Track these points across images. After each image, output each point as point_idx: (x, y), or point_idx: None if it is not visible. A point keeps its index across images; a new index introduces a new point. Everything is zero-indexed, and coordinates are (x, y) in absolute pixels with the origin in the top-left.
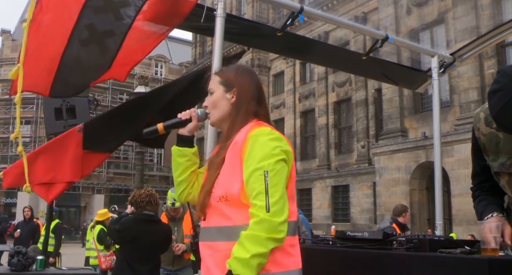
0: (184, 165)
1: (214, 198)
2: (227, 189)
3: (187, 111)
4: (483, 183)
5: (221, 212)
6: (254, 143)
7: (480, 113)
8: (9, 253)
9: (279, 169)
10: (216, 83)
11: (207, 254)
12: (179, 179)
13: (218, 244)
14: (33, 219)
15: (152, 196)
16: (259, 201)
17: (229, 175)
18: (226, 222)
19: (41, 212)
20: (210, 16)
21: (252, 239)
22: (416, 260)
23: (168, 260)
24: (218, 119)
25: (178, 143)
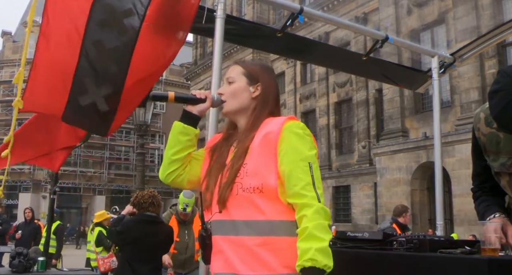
0: (184, 144)
1: (245, 189)
2: (263, 180)
3: (203, 91)
4: (483, 184)
5: (252, 204)
6: (292, 135)
7: (480, 113)
8: (10, 255)
9: (317, 163)
10: (239, 74)
11: (227, 248)
12: (174, 157)
13: (244, 239)
14: (34, 221)
15: (154, 198)
16: (309, 191)
17: (262, 166)
18: (258, 216)
19: (42, 213)
20: (210, 17)
21: (321, 228)
22: (416, 260)
23: (179, 263)
24: (235, 109)
25: (184, 119)
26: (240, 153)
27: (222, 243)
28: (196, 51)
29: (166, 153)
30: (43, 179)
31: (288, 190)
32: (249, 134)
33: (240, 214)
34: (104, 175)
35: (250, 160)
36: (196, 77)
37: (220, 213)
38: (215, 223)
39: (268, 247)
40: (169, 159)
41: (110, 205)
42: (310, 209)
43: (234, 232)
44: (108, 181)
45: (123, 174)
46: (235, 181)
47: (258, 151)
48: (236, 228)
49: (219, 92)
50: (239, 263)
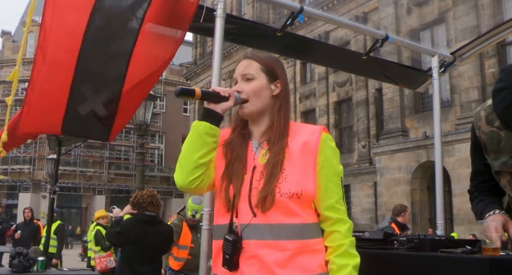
0: (210, 146)
1: (282, 194)
2: (303, 188)
3: (226, 89)
4: (482, 184)
5: (287, 209)
6: (328, 149)
7: (480, 112)
8: (10, 255)
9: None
10: (258, 70)
11: (264, 253)
12: (201, 161)
13: (284, 243)
14: (34, 221)
15: (153, 197)
16: (341, 206)
17: (301, 174)
18: (295, 220)
19: (42, 213)
20: (210, 17)
21: (353, 246)
22: (417, 260)
23: (194, 268)
24: (258, 109)
25: (209, 119)
26: (278, 158)
27: (257, 248)
28: (196, 50)
29: (190, 156)
30: (43, 179)
31: (323, 202)
32: (282, 138)
33: (278, 218)
34: (104, 175)
35: (290, 167)
36: (196, 76)
37: (255, 217)
38: (248, 227)
39: (306, 250)
40: (195, 163)
41: (110, 205)
42: (344, 226)
43: (273, 236)
44: (108, 181)
45: (123, 174)
46: (277, 186)
47: (298, 158)
48: (275, 232)
49: (237, 89)
50: (277, 268)
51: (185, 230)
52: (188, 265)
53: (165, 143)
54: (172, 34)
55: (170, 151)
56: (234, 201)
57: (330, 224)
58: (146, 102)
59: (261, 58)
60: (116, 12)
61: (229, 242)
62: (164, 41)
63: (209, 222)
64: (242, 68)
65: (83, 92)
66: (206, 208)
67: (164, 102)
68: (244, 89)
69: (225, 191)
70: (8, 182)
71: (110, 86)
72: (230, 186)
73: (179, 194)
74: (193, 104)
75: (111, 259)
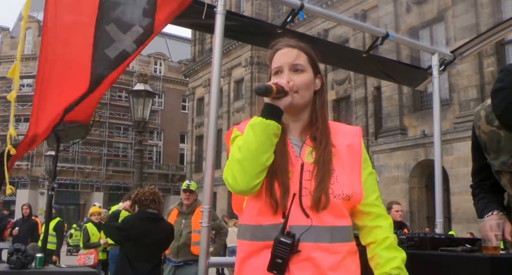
0: (274, 148)
1: (336, 196)
2: (354, 189)
3: (285, 82)
4: (483, 181)
5: (340, 211)
6: (364, 149)
7: (480, 111)
8: (8, 251)
9: None
10: (306, 62)
11: (319, 256)
12: (268, 163)
13: (337, 246)
14: (32, 217)
15: (155, 195)
16: (381, 203)
17: (350, 176)
18: (345, 222)
19: (40, 209)
20: (210, 13)
21: (396, 240)
22: (417, 258)
23: (173, 252)
24: (305, 102)
25: (276, 118)
26: (328, 158)
27: (312, 250)
28: (195, 47)
29: (258, 159)
30: (41, 176)
31: (364, 199)
32: (328, 136)
33: (331, 220)
34: (102, 172)
35: (339, 168)
36: (195, 73)
37: (307, 218)
38: (301, 228)
39: (351, 252)
40: (263, 166)
41: (108, 201)
42: (386, 221)
43: (328, 239)
44: (106, 177)
45: (121, 171)
46: (330, 187)
47: (346, 160)
48: (330, 235)
49: (287, 80)
50: (330, 271)
51: (173, 213)
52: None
53: (163, 140)
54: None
55: (168, 148)
56: (284, 201)
57: (372, 219)
58: (145, 99)
59: (308, 49)
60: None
61: (285, 246)
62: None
63: (208, 219)
64: (292, 57)
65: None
66: (205, 205)
67: (162, 99)
68: (295, 81)
69: (270, 188)
70: None
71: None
72: (275, 183)
73: (177, 191)
74: (191, 102)
75: (91, 257)
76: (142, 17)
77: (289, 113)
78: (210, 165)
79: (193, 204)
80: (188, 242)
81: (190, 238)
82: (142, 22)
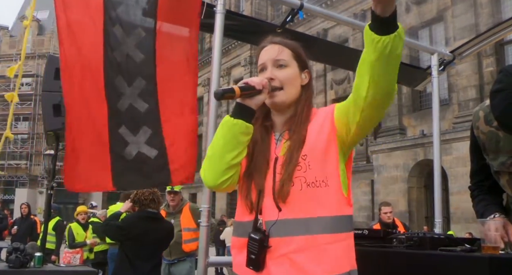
0: (244, 146)
1: (309, 184)
2: (327, 171)
3: (258, 79)
4: (482, 182)
5: (318, 199)
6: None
7: (479, 112)
8: (7, 250)
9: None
10: (290, 57)
11: (294, 250)
12: (234, 162)
13: (315, 238)
14: (31, 216)
15: (154, 194)
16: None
17: (323, 160)
18: (326, 212)
19: (38, 208)
20: (209, 13)
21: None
22: (416, 258)
23: (165, 251)
24: (290, 98)
25: (244, 117)
26: (296, 145)
27: (285, 245)
28: None
29: (223, 157)
30: (40, 175)
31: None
32: (303, 125)
33: (308, 211)
34: None
35: (310, 151)
36: None
37: (281, 212)
38: (275, 223)
39: (339, 244)
40: (228, 164)
41: (107, 201)
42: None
43: (303, 231)
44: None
45: None
46: (296, 175)
47: (316, 139)
48: (305, 227)
49: (269, 77)
50: (310, 265)
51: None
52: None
53: None
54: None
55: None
56: (259, 199)
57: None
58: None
59: (291, 45)
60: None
61: (255, 241)
62: (179, 42)
63: (207, 219)
64: (275, 53)
65: (122, 136)
66: (204, 205)
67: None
68: (278, 76)
69: (246, 189)
70: (4, 177)
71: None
72: (252, 184)
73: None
74: None
75: (77, 256)
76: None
77: (277, 108)
78: None
79: (179, 204)
80: (179, 240)
81: (180, 237)
82: (144, 23)
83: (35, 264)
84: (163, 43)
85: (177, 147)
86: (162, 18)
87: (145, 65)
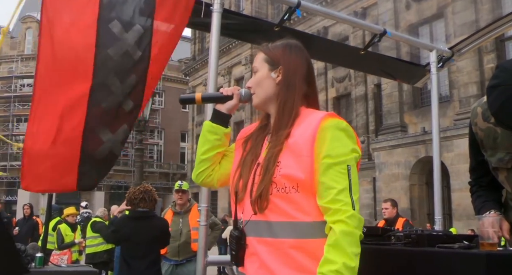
0: (212, 144)
1: (279, 189)
2: (298, 180)
3: (231, 87)
4: (481, 178)
5: (288, 204)
6: (331, 136)
7: (477, 108)
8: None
9: (355, 167)
10: (261, 61)
11: (264, 251)
12: (203, 156)
13: (281, 241)
14: (33, 217)
15: (146, 193)
16: (346, 197)
17: (296, 166)
18: (295, 217)
19: (41, 209)
20: (207, 12)
21: (350, 237)
22: (414, 255)
23: (173, 251)
24: (262, 99)
25: (212, 118)
26: (273, 152)
27: (257, 245)
28: (195, 46)
29: (198, 152)
30: None
31: (323, 193)
32: (283, 128)
33: (276, 215)
34: None
35: (285, 160)
36: (195, 72)
37: (255, 213)
38: (249, 223)
39: (304, 250)
40: (199, 158)
41: (109, 201)
42: (345, 214)
43: (271, 234)
44: (107, 177)
45: (121, 170)
46: (270, 180)
47: (296, 149)
48: (272, 230)
49: (247, 85)
50: (276, 266)
51: (168, 214)
52: (169, 247)
53: (164, 139)
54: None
55: (169, 147)
56: (240, 196)
57: (328, 216)
58: None
59: (267, 48)
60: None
61: (234, 239)
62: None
63: (206, 217)
64: (254, 62)
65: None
66: (203, 204)
67: (163, 98)
68: (250, 82)
69: (234, 185)
70: (7, 178)
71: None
72: (240, 181)
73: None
74: None
75: (64, 257)
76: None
77: (261, 110)
78: None
79: (187, 204)
80: (189, 240)
81: (190, 236)
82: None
83: (36, 264)
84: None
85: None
86: (159, 16)
87: (140, 63)
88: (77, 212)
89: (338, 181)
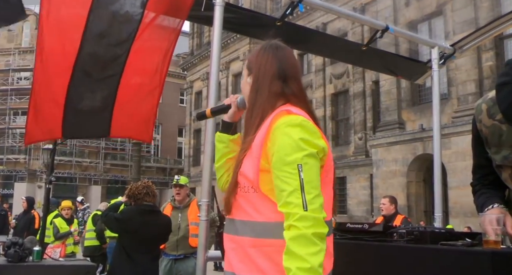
0: (222, 151)
1: (241, 188)
2: (254, 181)
3: (230, 97)
4: (485, 177)
5: (249, 203)
6: (281, 134)
7: (482, 105)
8: (5, 244)
9: (313, 164)
10: (244, 67)
11: (230, 247)
12: (216, 165)
13: (242, 239)
14: (32, 211)
15: (148, 188)
16: (296, 198)
17: (252, 165)
18: (254, 216)
19: (38, 203)
20: (208, 5)
21: (300, 240)
22: (417, 252)
23: (172, 246)
24: (248, 104)
25: (220, 128)
26: (241, 156)
27: (227, 242)
28: (193, 41)
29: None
30: (38, 169)
31: (278, 197)
32: (251, 134)
33: (239, 213)
34: (100, 165)
35: (245, 160)
36: (193, 67)
37: (228, 213)
38: (226, 221)
39: (260, 249)
40: (215, 167)
41: (106, 195)
42: (293, 217)
43: (235, 231)
44: (104, 171)
45: (119, 164)
46: (236, 179)
47: (252, 151)
48: (235, 228)
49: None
50: (236, 262)
51: (167, 208)
52: (167, 242)
53: (161, 133)
54: (170, 23)
55: (166, 142)
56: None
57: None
58: None
59: (249, 55)
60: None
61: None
62: (163, 31)
63: (206, 213)
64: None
65: (80, 93)
66: (204, 199)
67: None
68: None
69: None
70: (3, 172)
71: (106, 83)
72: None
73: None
74: (189, 95)
75: (57, 250)
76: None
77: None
78: (208, 159)
79: (186, 198)
80: (187, 235)
81: (188, 231)
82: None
83: (34, 258)
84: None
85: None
86: (152, 8)
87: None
88: (72, 206)
89: (288, 182)
